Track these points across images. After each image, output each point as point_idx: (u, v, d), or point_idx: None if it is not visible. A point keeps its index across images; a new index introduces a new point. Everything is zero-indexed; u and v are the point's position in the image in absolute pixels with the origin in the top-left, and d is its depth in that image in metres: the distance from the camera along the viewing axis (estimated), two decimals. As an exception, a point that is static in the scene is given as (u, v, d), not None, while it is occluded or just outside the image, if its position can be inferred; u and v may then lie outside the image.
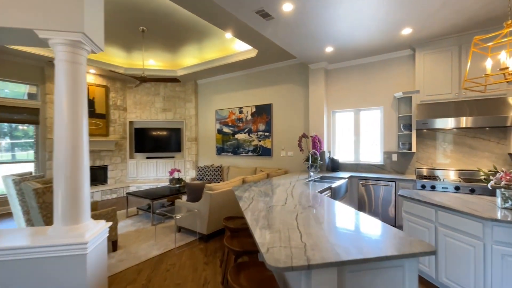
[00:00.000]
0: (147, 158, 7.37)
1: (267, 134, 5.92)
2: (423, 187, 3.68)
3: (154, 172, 7.33)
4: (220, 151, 6.83)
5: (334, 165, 4.88)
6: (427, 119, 3.73)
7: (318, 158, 4.28)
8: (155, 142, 7.39)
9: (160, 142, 7.42)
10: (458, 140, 3.95)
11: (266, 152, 5.93)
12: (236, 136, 6.48)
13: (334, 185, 3.37)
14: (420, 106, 3.94)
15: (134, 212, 5.04)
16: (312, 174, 4.19)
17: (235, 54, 5.53)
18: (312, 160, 4.37)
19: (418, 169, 4.23)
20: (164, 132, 7.43)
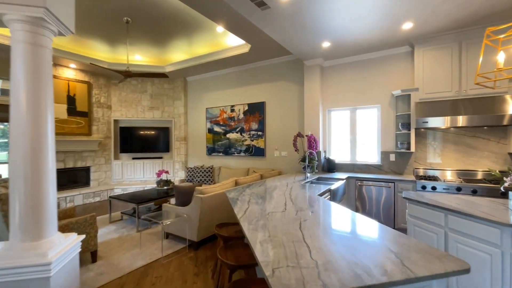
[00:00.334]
0: (134, 158, 6.99)
1: (260, 133, 5.69)
2: (424, 188, 3.55)
3: (141, 174, 6.96)
4: (211, 151, 6.55)
5: (330, 165, 4.71)
6: (427, 118, 3.60)
7: (315, 158, 4.08)
8: (142, 141, 7.02)
9: (147, 142, 7.05)
10: (457, 139, 3.84)
11: (259, 152, 5.70)
12: (228, 135, 6.22)
13: (333, 187, 3.18)
14: (419, 104, 3.82)
15: (118, 217, 4.69)
16: (308, 175, 3.99)
17: (227, 49, 5.27)
18: (309, 160, 4.17)
19: (416, 169, 4.11)
20: (152, 132, 7.07)
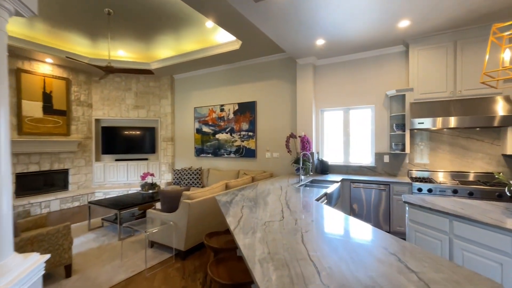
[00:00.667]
0: (117, 160, 6.61)
1: (250, 134, 5.50)
2: (420, 190, 3.47)
3: (125, 176, 6.59)
4: (200, 152, 6.28)
5: (323, 167, 4.58)
6: (422, 118, 3.52)
7: (309, 160, 3.93)
8: (126, 142, 6.65)
9: (131, 143, 6.69)
10: (451, 140, 3.80)
11: (250, 153, 5.51)
12: (217, 136, 5.98)
13: (329, 190, 3.03)
14: (414, 105, 3.75)
15: (98, 224, 4.36)
16: (302, 177, 3.83)
17: (216, 46, 5.04)
18: (302, 162, 4.02)
19: (410, 170, 4.04)
20: (136, 132, 6.72)
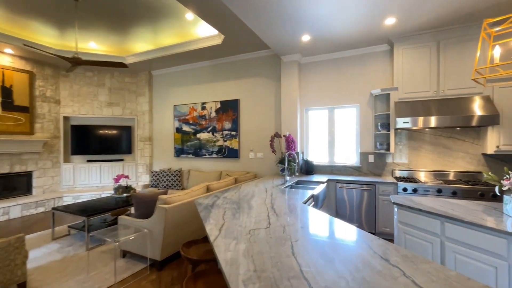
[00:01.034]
0: (89, 161, 6.12)
1: (233, 133, 5.28)
2: (405, 190, 3.44)
3: (98, 179, 6.12)
4: (180, 152, 5.97)
5: (308, 167, 4.47)
6: (407, 118, 3.50)
7: (294, 160, 3.79)
8: (99, 142, 6.18)
9: (105, 143, 6.23)
10: (434, 140, 3.82)
11: (233, 153, 5.29)
12: (198, 135, 5.71)
13: (315, 192, 2.90)
14: (399, 104, 3.72)
15: (65, 232, 3.95)
16: (288, 178, 3.68)
17: (197, 40, 4.77)
18: (288, 162, 3.87)
19: (394, 170, 4.03)
20: (111, 131, 6.27)
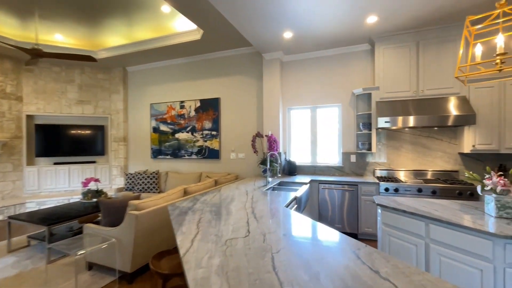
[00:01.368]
0: (56, 164, 5.65)
1: (214, 133, 5.08)
2: (387, 190, 3.42)
3: (66, 182, 5.66)
4: (157, 153, 5.66)
5: (291, 168, 4.37)
6: (387, 117, 3.49)
7: (277, 160, 3.67)
8: (68, 143, 5.72)
9: (75, 144, 5.77)
10: (414, 139, 3.86)
11: (213, 154, 5.08)
12: (177, 135, 5.44)
13: (298, 194, 2.79)
14: (380, 104, 3.71)
15: (24, 243, 3.55)
16: (270, 180, 3.55)
17: (175, 35, 4.52)
18: (270, 163, 3.74)
19: (376, 170, 4.03)
20: (81, 131, 5.82)
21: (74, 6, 3.75)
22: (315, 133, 4.52)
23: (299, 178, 3.90)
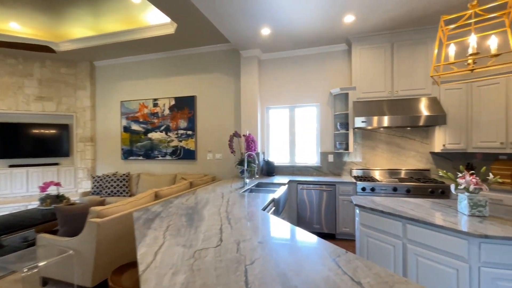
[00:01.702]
0: (11, 166, 5.09)
1: (189, 132, 4.85)
2: (363, 189, 3.44)
3: (24, 187, 5.12)
4: (128, 154, 5.31)
5: (269, 168, 4.28)
6: (364, 117, 3.51)
7: (254, 161, 3.55)
8: (26, 143, 5.18)
9: (35, 144, 5.25)
10: (388, 139, 3.93)
11: (189, 154, 4.86)
12: (150, 135, 5.14)
13: (276, 195, 2.69)
14: (357, 104, 3.74)
15: (-33, 257, 3.11)
16: (247, 181, 3.42)
17: (146, 28, 4.24)
18: (247, 163, 3.61)
19: (352, 169, 4.06)
20: (42, 130, 5.30)
21: (30, -9, 3.38)
22: (293, 133, 4.47)
23: (277, 179, 3.82)
